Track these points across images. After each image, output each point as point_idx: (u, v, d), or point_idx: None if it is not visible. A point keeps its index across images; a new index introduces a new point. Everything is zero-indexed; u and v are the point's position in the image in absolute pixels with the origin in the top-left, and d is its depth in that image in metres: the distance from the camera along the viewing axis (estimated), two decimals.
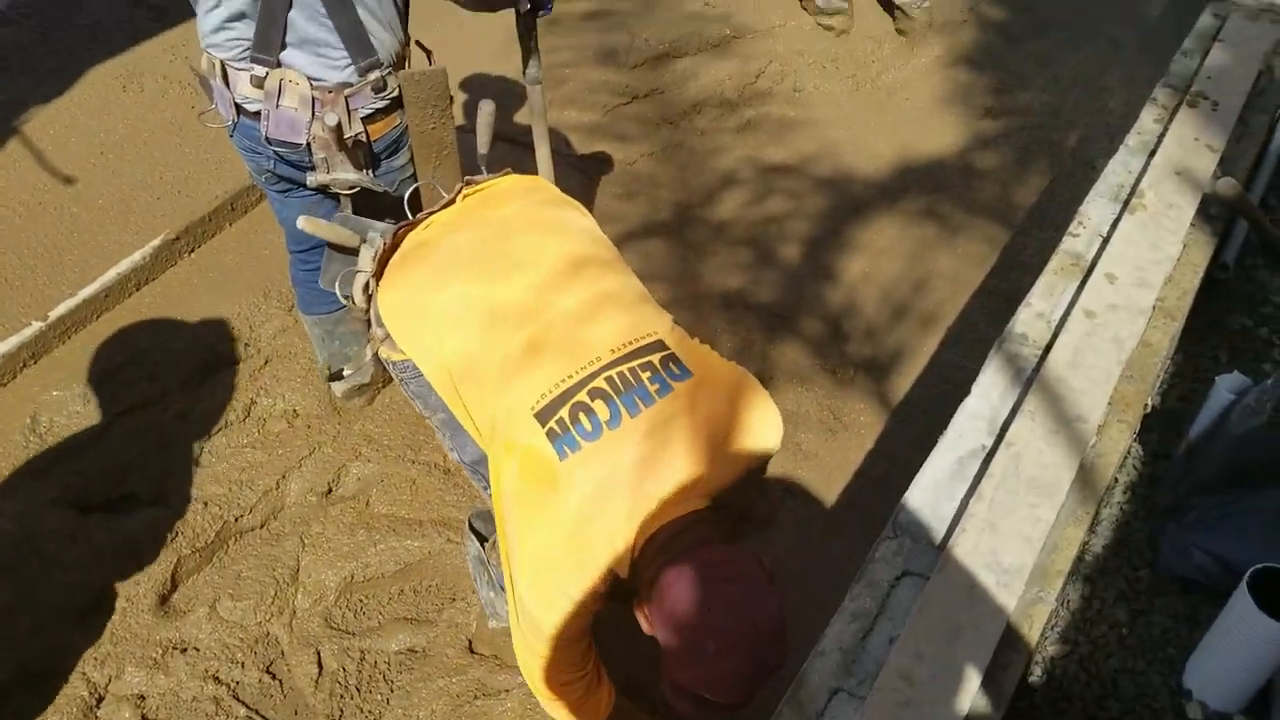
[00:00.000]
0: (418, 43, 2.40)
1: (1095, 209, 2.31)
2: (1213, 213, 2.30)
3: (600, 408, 1.59)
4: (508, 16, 2.46)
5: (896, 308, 3.42)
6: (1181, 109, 2.53)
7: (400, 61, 2.23)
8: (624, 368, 1.64)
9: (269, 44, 2.06)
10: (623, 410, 1.59)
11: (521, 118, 3.95)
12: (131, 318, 3.18)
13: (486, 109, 2.24)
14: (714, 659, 1.39)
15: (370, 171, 2.27)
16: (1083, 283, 2.11)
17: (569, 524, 1.53)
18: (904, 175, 3.96)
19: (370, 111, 2.20)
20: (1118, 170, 2.40)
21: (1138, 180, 2.34)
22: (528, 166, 2.74)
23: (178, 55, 4.05)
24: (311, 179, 2.21)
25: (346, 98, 2.13)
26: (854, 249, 3.61)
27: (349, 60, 2.11)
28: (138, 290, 3.27)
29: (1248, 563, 1.58)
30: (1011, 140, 4.12)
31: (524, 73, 2.59)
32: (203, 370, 3.04)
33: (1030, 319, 2.07)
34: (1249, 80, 2.62)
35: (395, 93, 2.21)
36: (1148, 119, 2.54)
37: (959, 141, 4.12)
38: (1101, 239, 2.23)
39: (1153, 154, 2.42)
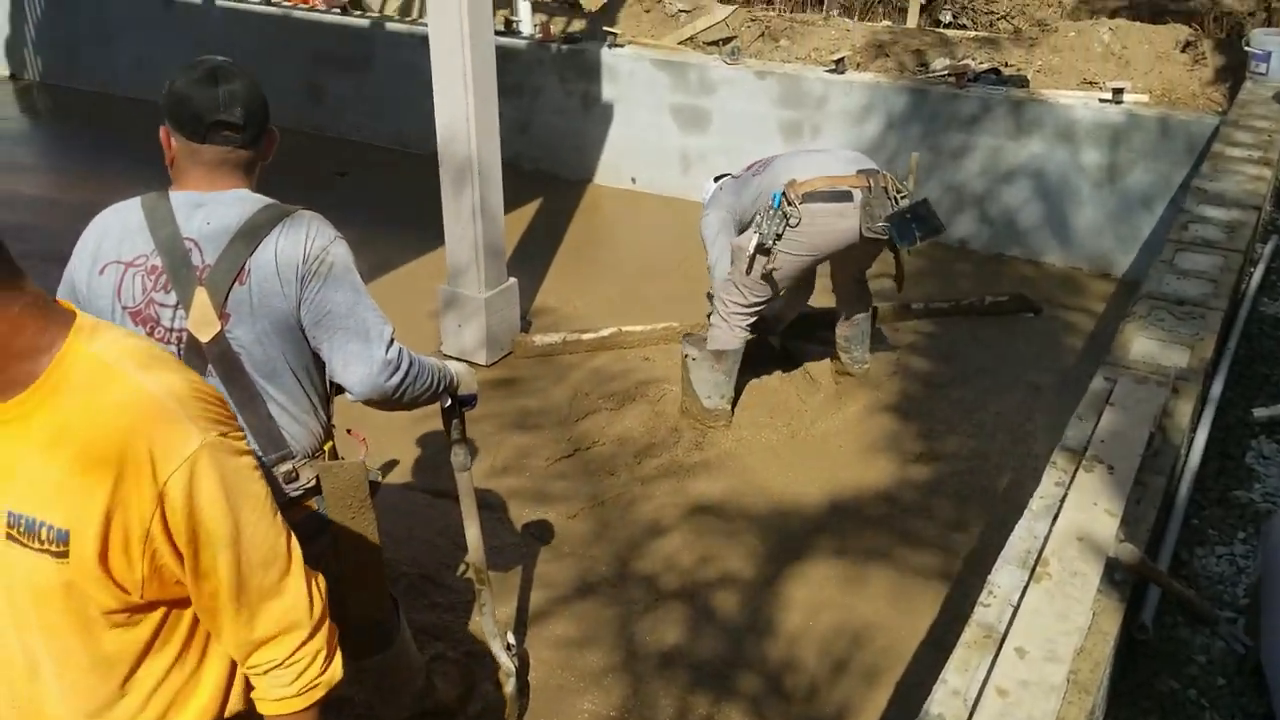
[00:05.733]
0: (348, 430, 2.51)
1: (1004, 577, 2.36)
2: (1118, 578, 2.35)
3: None
4: None
5: (838, 662, 3.39)
6: (1079, 473, 2.65)
7: (318, 450, 2.29)
8: None
9: None
10: None
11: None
12: None
13: None
14: None
15: None
16: (995, 657, 2.12)
17: None
18: (839, 522, 4.04)
19: (282, 502, 2.24)
20: (1023, 536, 2.48)
21: (1042, 547, 2.41)
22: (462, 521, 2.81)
23: None
24: None
25: None
26: (792, 599, 3.62)
27: (260, 454, 2.18)
28: None
29: None
30: (943, 486, 4.25)
31: (451, 461, 2.70)
32: None
33: (946, 697, 2.06)
34: (1142, 443, 2.76)
35: (311, 483, 2.24)
36: (1049, 482, 2.65)
37: (892, 488, 4.25)
38: (1012, 608, 2.26)
39: (1055, 519, 2.51)
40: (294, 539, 1.61)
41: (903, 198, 4.15)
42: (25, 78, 10.31)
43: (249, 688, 1.64)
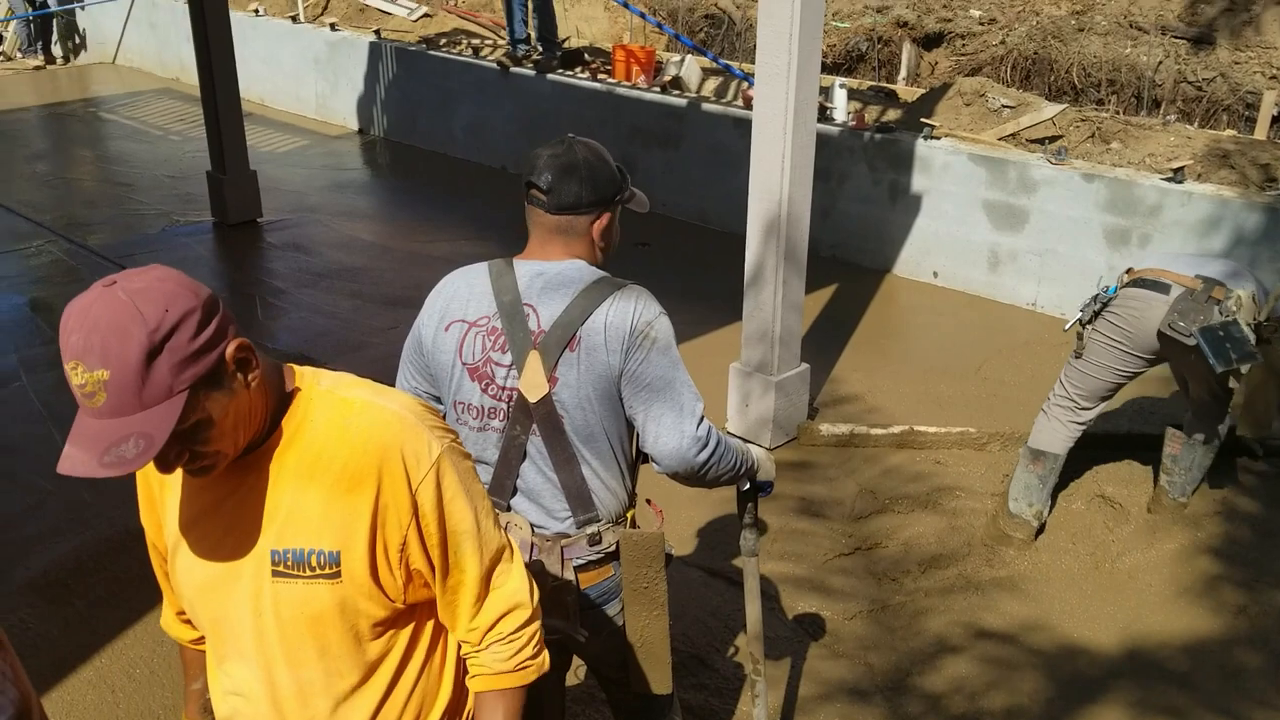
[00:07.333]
0: (648, 501, 2.52)
1: None
2: None
3: None
4: None
5: None
6: None
7: (621, 517, 2.32)
8: None
9: (503, 490, 2.24)
10: None
11: (738, 561, 4.01)
12: None
13: None
14: None
15: (578, 620, 2.31)
16: None
17: None
18: (1140, 669, 3.66)
19: (584, 562, 2.28)
20: None
21: None
22: (737, 604, 2.74)
23: None
24: None
25: (562, 547, 2.24)
26: None
27: (569, 513, 2.24)
28: None
29: None
30: (1266, 645, 3.77)
31: (740, 544, 2.66)
32: None
33: None
34: None
35: (612, 547, 2.30)
36: None
37: (1204, 640, 3.81)
38: None
39: None
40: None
41: (1257, 322, 3.83)
42: (371, 133, 11.35)
43: None
